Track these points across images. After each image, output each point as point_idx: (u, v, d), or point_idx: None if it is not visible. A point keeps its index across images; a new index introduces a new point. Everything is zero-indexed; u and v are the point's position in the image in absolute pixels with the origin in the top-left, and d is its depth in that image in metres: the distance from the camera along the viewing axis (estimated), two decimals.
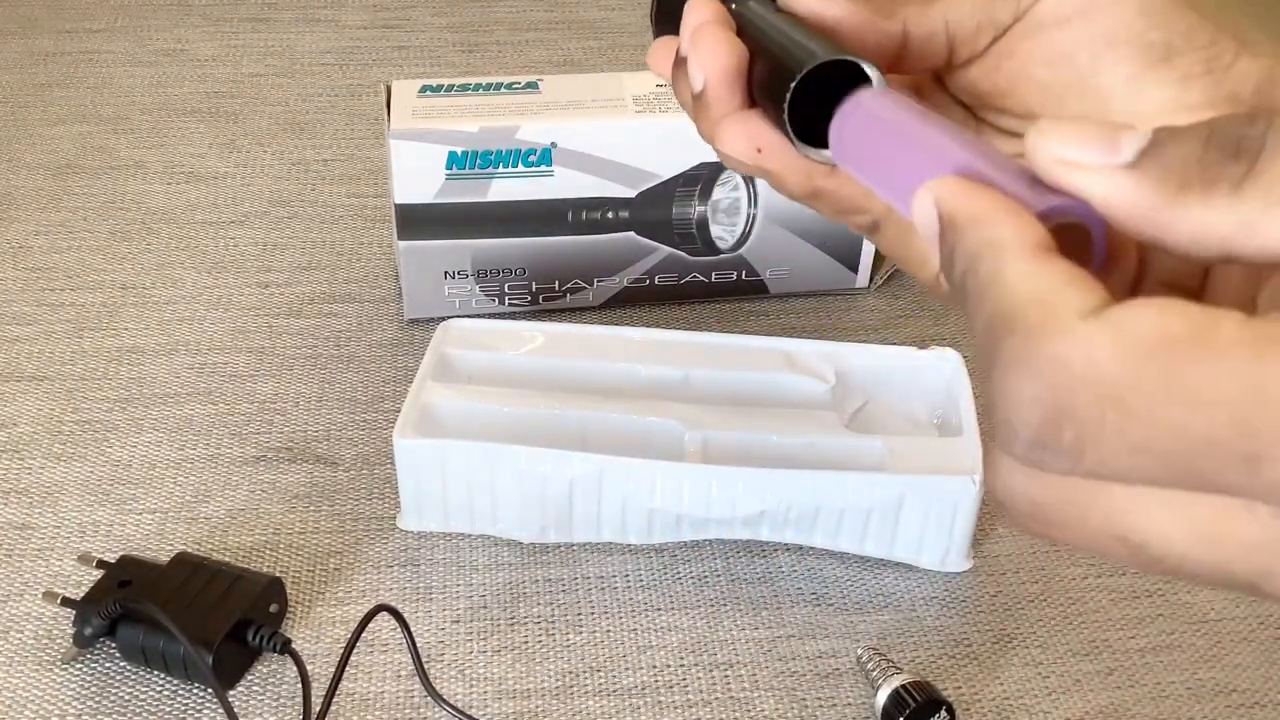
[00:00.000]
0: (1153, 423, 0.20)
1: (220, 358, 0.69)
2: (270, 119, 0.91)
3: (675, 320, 0.73)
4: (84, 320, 0.71)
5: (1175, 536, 0.22)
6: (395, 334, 0.71)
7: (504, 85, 0.70)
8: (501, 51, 1.01)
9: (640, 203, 0.69)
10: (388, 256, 0.77)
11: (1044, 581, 0.57)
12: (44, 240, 0.78)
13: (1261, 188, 0.22)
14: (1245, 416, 0.20)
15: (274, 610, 0.53)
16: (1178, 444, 0.20)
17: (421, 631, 0.54)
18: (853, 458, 0.57)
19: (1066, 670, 0.53)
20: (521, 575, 0.57)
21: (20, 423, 0.64)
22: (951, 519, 0.55)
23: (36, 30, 1.01)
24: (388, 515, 0.60)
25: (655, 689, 0.52)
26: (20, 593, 0.55)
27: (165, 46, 1.00)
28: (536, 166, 0.67)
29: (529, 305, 0.72)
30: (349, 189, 0.84)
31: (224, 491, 0.61)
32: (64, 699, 0.51)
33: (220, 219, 0.80)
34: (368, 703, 0.51)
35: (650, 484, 0.55)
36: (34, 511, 0.59)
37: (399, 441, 0.56)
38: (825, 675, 0.53)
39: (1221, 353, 0.20)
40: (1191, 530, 0.22)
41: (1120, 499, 0.22)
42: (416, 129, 0.66)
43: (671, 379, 0.61)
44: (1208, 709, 0.52)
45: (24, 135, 0.88)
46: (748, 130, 0.33)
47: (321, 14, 1.05)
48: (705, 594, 0.56)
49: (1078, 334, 0.21)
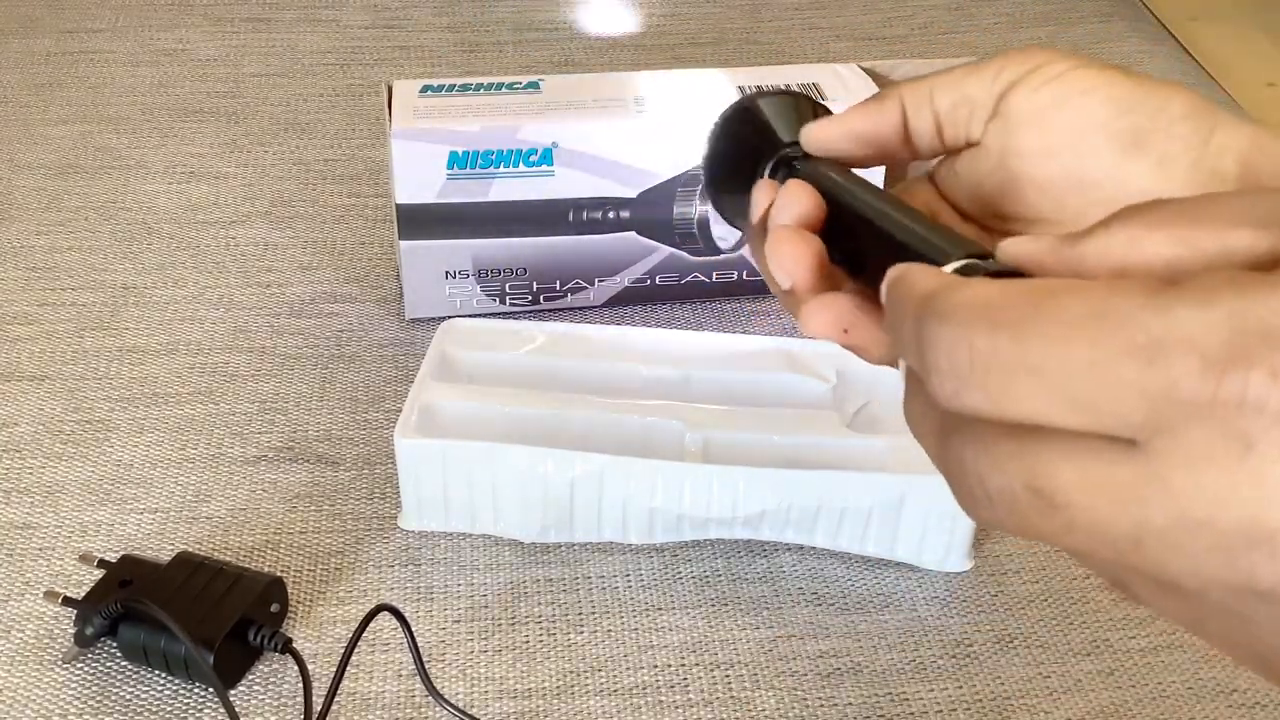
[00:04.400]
0: (1035, 339, 0.23)
1: (221, 357, 0.69)
2: (271, 119, 0.91)
3: (676, 320, 0.73)
4: (85, 320, 0.72)
5: (1076, 486, 0.23)
6: (396, 334, 0.71)
7: (505, 85, 0.70)
8: (502, 51, 1.01)
9: (641, 203, 0.69)
10: (389, 256, 0.77)
11: (1045, 581, 0.57)
12: (44, 240, 0.78)
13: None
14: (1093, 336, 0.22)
15: (275, 610, 0.53)
16: (1056, 361, 0.23)
17: (422, 631, 0.54)
18: (854, 457, 0.57)
19: (1067, 670, 0.53)
20: (522, 575, 0.57)
21: (21, 422, 0.64)
22: (952, 519, 0.55)
23: (37, 30, 1.01)
24: (389, 515, 0.60)
25: (656, 689, 0.52)
26: (21, 592, 0.55)
27: (166, 46, 1.00)
28: (537, 166, 0.67)
29: (530, 305, 0.72)
30: (350, 189, 0.84)
31: (225, 491, 0.61)
32: (65, 698, 0.51)
33: (221, 219, 0.80)
34: (369, 702, 0.51)
35: (651, 484, 0.55)
36: (35, 511, 0.59)
37: (400, 441, 0.56)
38: (826, 675, 0.53)
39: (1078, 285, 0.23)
40: (1088, 480, 0.23)
41: (1039, 449, 0.23)
42: (418, 129, 0.66)
43: (672, 379, 0.61)
44: (1208, 709, 0.52)
45: (24, 135, 0.88)
46: (836, 315, 0.34)
47: (323, 14, 1.05)
48: (706, 594, 0.56)
49: (970, 283, 0.25)
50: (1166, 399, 0.22)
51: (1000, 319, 0.23)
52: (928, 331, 0.24)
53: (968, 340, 0.24)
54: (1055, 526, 0.23)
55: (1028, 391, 0.23)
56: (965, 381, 0.24)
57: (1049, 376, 0.23)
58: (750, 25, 1.06)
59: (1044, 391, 0.23)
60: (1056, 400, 0.23)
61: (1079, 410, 0.22)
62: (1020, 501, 0.24)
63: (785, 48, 1.03)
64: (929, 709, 0.52)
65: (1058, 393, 0.23)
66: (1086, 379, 0.22)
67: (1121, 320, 0.22)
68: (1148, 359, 0.22)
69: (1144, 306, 0.22)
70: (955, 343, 0.24)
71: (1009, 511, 0.24)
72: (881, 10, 1.09)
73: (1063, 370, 0.22)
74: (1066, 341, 0.22)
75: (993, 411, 0.23)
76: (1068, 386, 0.22)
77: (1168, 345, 0.22)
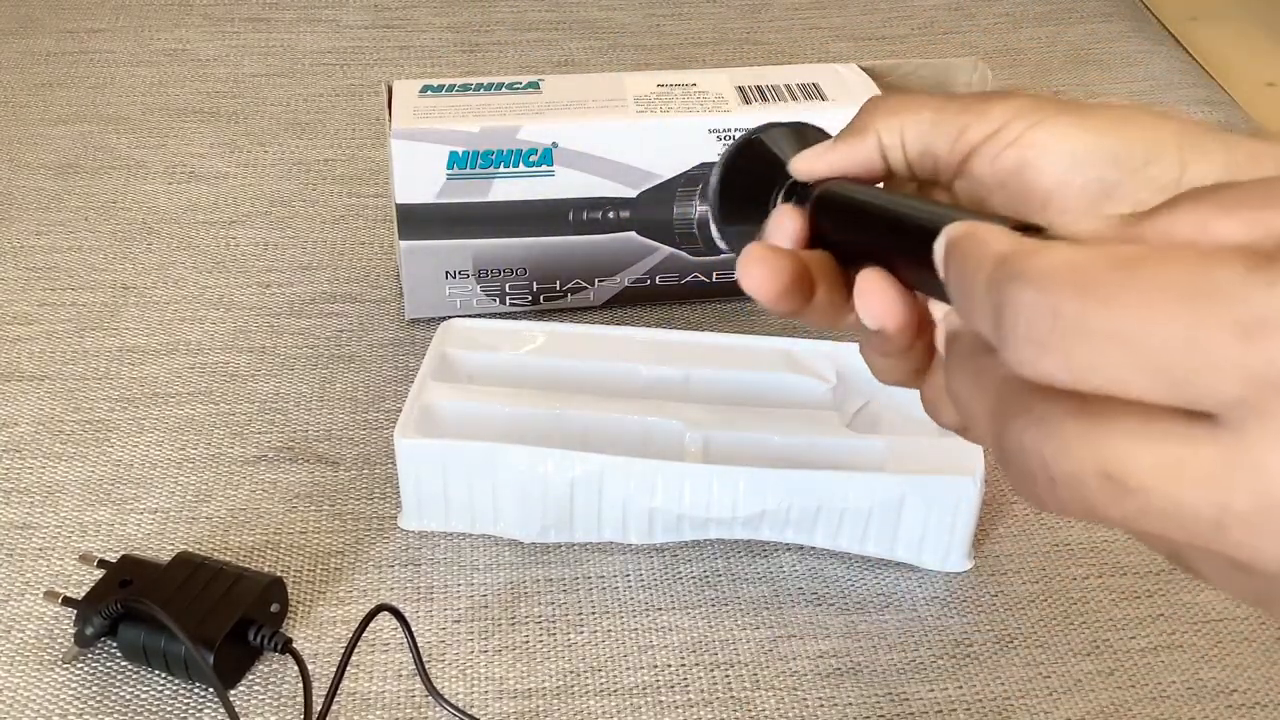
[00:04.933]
0: (1118, 307, 0.22)
1: (221, 357, 0.69)
2: (271, 119, 0.91)
3: (676, 320, 0.73)
4: (85, 320, 0.72)
5: (1153, 469, 0.22)
6: (396, 334, 0.71)
7: (505, 85, 0.70)
8: (503, 51, 1.01)
9: (641, 203, 0.69)
10: (388, 256, 0.77)
11: (1045, 581, 0.57)
12: (44, 240, 0.78)
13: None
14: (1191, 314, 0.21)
15: (275, 610, 0.53)
16: (1140, 329, 0.22)
17: (422, 631, 0.54)
18: (854, 458, 0.57)
19: (1067, 670, 0.53)
20: (522, 575, 0.57)
21: (21, 422, 0.64)
22: (952, 519, 0.55)
23: (37, 30, 1.01)
24: (389, 515, 0.60)
25: (656, 689, 0.52)
26: (21, 592, 0.55)
27: (166, 46, 1.00)
28: (537, 166, 0.67)
29: (530, 305, 0.72)
30: (350, 189, 0.84)
31: (225, 491, 0.61)
32: (65, 698, 0.51)
33: (221, 219, 0.80)
34: (369, 702, 0.51)
35: (651, 484, 0.55)
36: (35, 511, 0.59)
37: (400, 441, 0.56)
38: (826, 675, 0.53)
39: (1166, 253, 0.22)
40: (1167, 462, 0.22)
41: (1111, 429, 0.22)
42: (418, 129, 0.66)
43: (672, 379, 0.61)
44: (1208, 709, 0.52)
45: (24, 135, 0.88)
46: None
47: (322, 14, 1.05)
48: (706, 594, 0.56)
49: (1053, 245, 0.24)
50: (1265, 377, 0.21)
51: (1088, 284, 0.22)
52: (1009, 293, 0.23)
53: (1052, 304, 0.22)
54: (1128, 511, 0.22)
55: (1113, 360, 0.22)
56: (1045, 347, 0.23)
57: (1139, 347, 0.22)
58: (750, 25, 1.06)
59: (1131, 362, 0.22)
60: (1143, 371, 0.22)
61: (1167, 383, 0.22)
62: (1089, 486, 0.23)
63: (785, 48, 1.03)
64: (929, 709, 0.52)
65: (1146, 364, 0.22)
66: (1181, 352, 0.21)
67: (1222, 292, 0.21)
68: (1248, 334, 0.21)
69: (1246, 280, 0.21)
70: (1038, 306, 0.23)
71: (1075, 496, 0.23)
72: (881, 10, 1.09)
73: (1156, 341, 0.21)
74: (1162, 311, 0.21)
75: (1071, 380, 0.22)
76: (1159, 358, 0.21)
77: (1271, 321, 0.21)
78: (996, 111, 0.37)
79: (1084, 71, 1.00)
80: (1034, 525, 0.60)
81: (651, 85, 0.70)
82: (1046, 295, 0.23)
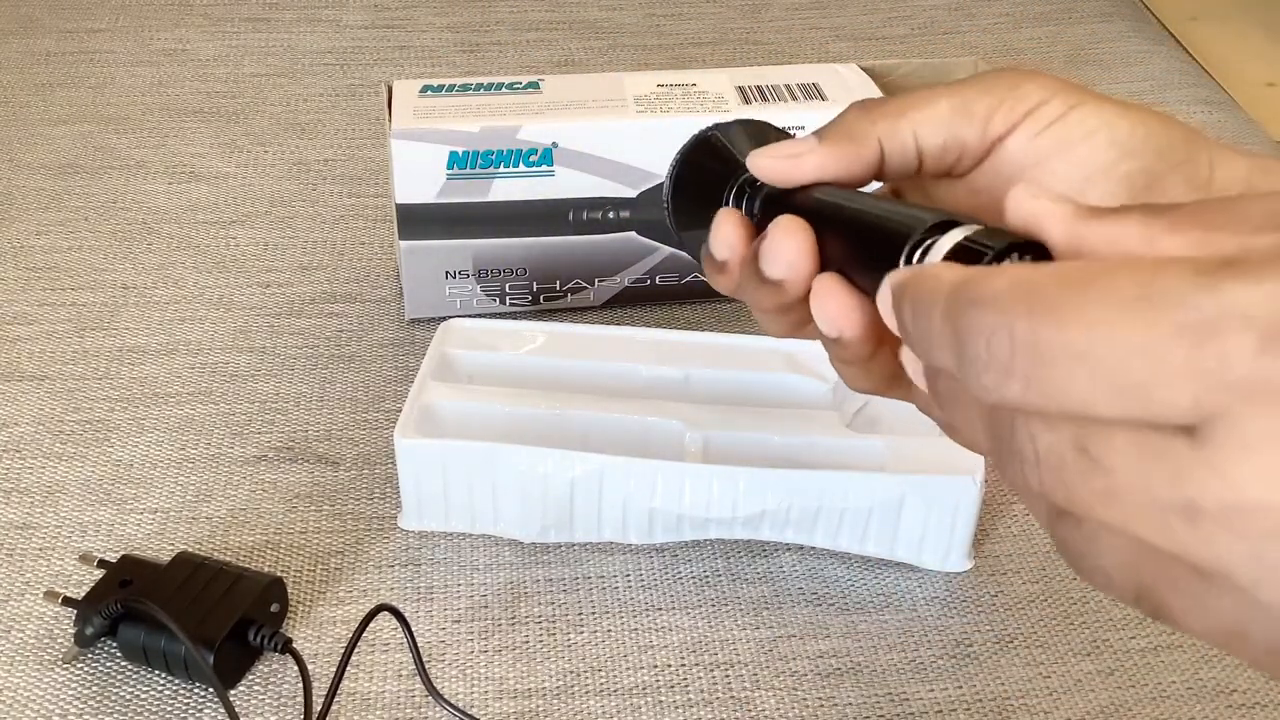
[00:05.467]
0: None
1: (221, 357, 0.69)
2: (271, 119, 0.91)
3: (676, 320, 0.73)
4: (85, 320, 0.72)
5: (1125, 451, 0.22)
6: (396, 334, 0.71)
7: (505, 85, 0.70)
8: (503, 51, 1.01)
9: (641, 203, 0.69)
10: (388, 256, 0.77)
11: (1045, 581, 0.57)
12: (44, 240, 0.78)
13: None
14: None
15: (275, 610, 0.53)
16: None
17: (422, 631, 0.54)
18: (854, 457, 0.57)
19: (1067, 670, 0.53)
20: (522, 575, 0.57)
21: (21, 423, 0.64)
22: (952, 519, 0.55)
23: (37, 30, 1.01)
24: (388, 515, 0.60)
25: (656, 689, 0.52)
26: (21, 592, 0.55)
27: (166, 46, 1.00)
28: (537, 166, 0.67)
29: (530, 305, 0.72)
30: (350, 189, 0.84)
31: (225, 491, 0.61)
32: (65, 699, 0.51)
33: (221, 219, 0.80)
34: (369, 702, 0.51)
35: (651, 484, 0.55)
36: (35, 511, 0.59)
37: (400, 441, 0.56)
38: (826, 675, 0.53)
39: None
40: (1142, 449, 0.22)
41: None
42: (418, 129, 0.66)
43: (672, 379, 0.61)
44: (1208, 709, 0.52)
45: (24, 135, 0.88)
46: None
47: (322, 14, 1.05)
48: (706, 594, 0.56)
49: (1005, 268, 0.24)
50: (1220, 381, 0.20)
51: (1041, 303, 0.22)
52: (966, 320, 0.23)
53: (1008, 325, 0.22)
54: (1097, 489, 0.22)
55: (1074, 380, 0.22)
56: (1007, 373, 0.23)
57: (1096, 363, 0.21)
58: (750, 25, 1.06)
59: (1091, 379, 0.22)
60: (1104, 388, 0.21)
61: (1128, 398, 0.21)
62: (1067, 461, 0.22)
63: (785, 48, 1.03)
64: (929, 709, 0.52)
65: (1105, 380, 0.21)
66: (1136, 364, 0.21)
67: (1172, 300, 0.21)
68: (1199, 339, 0.21)
69: (1196, 285, 0.21)
70: (995, 330, 0.23)
71: (1054, 472, 0.23)
72: (881, 10, 1.09)
73: (1110, 355, 0.21)
74: (1113, 324, 0.21)
75: (1038, 404, 0.22)
76: (1116, 373, 0.21)
77: (1221, 324, 0.20)
78: (1031, 89, 0.35)
79: (1084, 71, 1.00)
80: (1034, 525, 0.60)
81: (651, 85, 0.70)
82: (1002, 317, 0.23)
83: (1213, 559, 0.21)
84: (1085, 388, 0.22)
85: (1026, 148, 0.35)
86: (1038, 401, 0.22)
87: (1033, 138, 0.35)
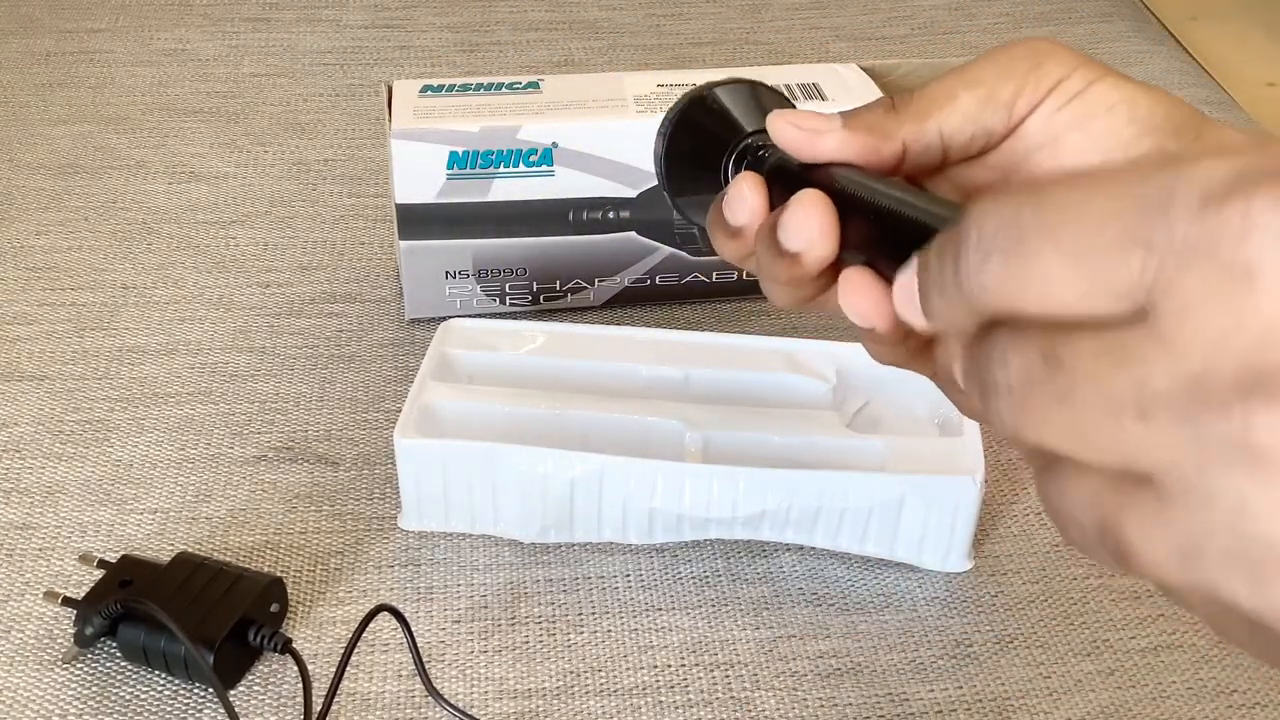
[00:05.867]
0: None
1: (221, 357, 0.69)
2: (271, 119, 0.91)
3: (676, 320, 0.73)
4: (85, 320, 0.72)
5: (1081, 349, 0.22)
6: (396, 334, 0.71)
7: (505, 85, 0.70)
8: (503, 51, 1.01)
9: (641, 203, 0.69)
10: (388, 256, 0.77)
11: (1045, 581, 0.57)
12: (44, 240, 0.78)
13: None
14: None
15: (275, 610, 0.53)
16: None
17: (422, 631, 0.54)
18: (853, 458, 0.57)
19: (1067, 670, 0.53)
20: (522, 575, 0.57)
21: (20, 423, 0.64)
22: (953, 519, 0.55)
23: (37, 30, 1.01)
24: (388, 515, 0.60)
25: (656, 689, 0.52)
26: (21, 592, 0.55)
27: (166, 46, 1.00)
28: (537, 166, 0.67)
29: (530, 305, 0.72)
30: (350, 189, 0.84)
31: (225, 491, 0.61)
32: (65, 699, 0.51)
33: (221, 219, 0.80)
34: (368, 702, 0.51)
35: (651, 484, 0.55)
36: (35, 511, 0.59)
37: (400, 441, 0.56)
38: (826, 675, 0.53)
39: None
40: (1097, 346, 0.22)
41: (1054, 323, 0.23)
42: (418, 129, 0.66)
43: (672, 379, 0.61)
44: (1208, 709, 0.52)
45: (24, 135, 0.88)
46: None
47: (322, 14, 1.05)
48: (706, 594, 0.56)
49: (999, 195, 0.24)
50: (1167, 247, 0.20)
51: (1030, 190, 0.23)
52: (968, 219, 0.24)
53: (997, 212, 0.23)
54: (1060, 394, 0.22)
55: (1042, 256, 0.22)
56: (989, 251, 0.23)
57: (1061, 235, 0.22)
58: (750, 25, 1.06)
59: (1057, 252, 0.22)
60: (1068, 263, 0.22)
61: (1087, 271, 0.21)
62: (1035, 377, 0.22)
63: (785, 48, 1.03)
64: (929, 709, 0.52)
65: (1069, 254, 0.22)
66: (1096, 237, 0.21)
67: (1135, 178, 0.21)
68: (1151, 209, 0.21)
69: (1159, 166, 0.21)
70: (988, 213, 0.24)
71: (1024, 396, 0.23)
72: (881, 10, 1.09)
73: (1075, 229, 0.22)
74: (1083, 203, 0.22)
75: (1012, 287, 0.23)
76: (1079, 245, 0.22)
77: (1173, 193, 0.20)
78: (1051, 66, 0.35)
79: None
80: (1034, 525, 0.60)
81: (651, 85, 0.70)
82: (996, 204, 0.23)
83: (1165, 459, 0.21)
84: (1052, 263, 0.22)
85: (1046, 124, 0.35)
86: (1012, 284, 0.23)
87: (1053, 113, 0.35)
